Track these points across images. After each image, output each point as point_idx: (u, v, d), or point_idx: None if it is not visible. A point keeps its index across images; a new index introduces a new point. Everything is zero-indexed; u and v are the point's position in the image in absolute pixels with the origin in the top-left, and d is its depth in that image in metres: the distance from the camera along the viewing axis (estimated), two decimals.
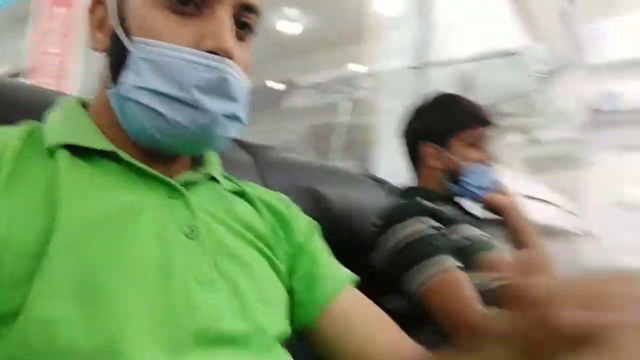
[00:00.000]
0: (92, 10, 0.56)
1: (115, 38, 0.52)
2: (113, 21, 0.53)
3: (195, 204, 0.52)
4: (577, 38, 4.01)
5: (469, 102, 1.21)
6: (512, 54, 1.92)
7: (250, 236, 0.57)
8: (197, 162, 0.59)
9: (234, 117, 0.52)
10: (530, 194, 2.04)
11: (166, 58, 0.50)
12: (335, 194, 1.21)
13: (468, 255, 1.03)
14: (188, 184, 0.54)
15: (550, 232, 2.25)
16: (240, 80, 0.52)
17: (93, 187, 0.48)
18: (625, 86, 4.17)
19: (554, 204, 2.36)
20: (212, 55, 0.50)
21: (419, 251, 0.99)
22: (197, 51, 0.50)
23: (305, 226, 0.66)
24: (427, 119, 1.20)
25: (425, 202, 1.08)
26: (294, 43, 3.84)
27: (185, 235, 0.50)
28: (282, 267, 0.60)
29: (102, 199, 0.48)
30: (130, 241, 0.46)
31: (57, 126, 0.52)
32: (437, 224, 1.03)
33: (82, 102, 0.57)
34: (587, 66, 4.29)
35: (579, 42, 4.10)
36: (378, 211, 1.10)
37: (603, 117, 4.21)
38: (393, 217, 1.05)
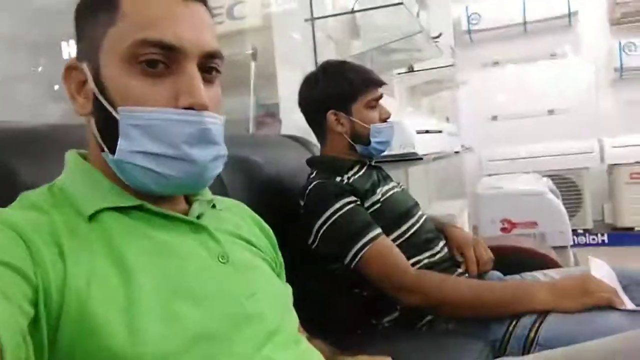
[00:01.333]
0: (67, 76, 0.61)
1: (99, 106, 0.58)
2: (95, 90, 0.57)
3: (215, 233, 0.63)
4: None
5: (359, 67, 1.33)
6: (399, 3, 2.06)
7: (253, 248, 0.70)
8: None
9: (218, 157, 0.60)
10: (425, 129, 2.28)
11: (151, 121, 0.55)
12: (264, 160, 1.31)
13: (388, 215, 1.20)
14: (199, 217, 0.64)
15: (441, 156, 2.54)
16: (218, 124, 0.59)
17: (149, 249, 0.57)
18: (483, 6, 4.50)
19: (441, 131, 2.64)
20: (190, 111, 0.56)
21: (347, 228, 1.12)
22: (177, 110, 0.56)
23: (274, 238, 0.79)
24: (327, 87, 1.27)
25: (343, 179, 1.20)
26: None
27: (221, 262, 0.61)
28: (276, 272, 0.74)
29: (158, 254, 0.56)
30: (193, 279, 0.56)
31: (87, 192, 0.58)
32: (357, 199, 1.16)
33: (84, 157, 0.63)
34: None
35: None
36: (302, 192, 1.20)
37: (468, 37, 4.58)
38: (317, 201, 1.16)
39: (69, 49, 2.21)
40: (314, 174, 1.24)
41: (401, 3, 2.14)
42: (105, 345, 0.48)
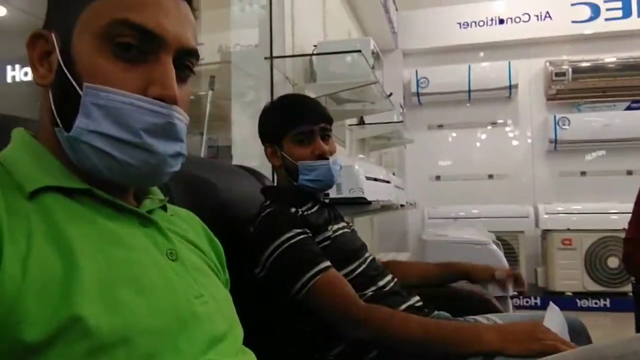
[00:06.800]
0: (32, 43, 0.57)
1: (63, 79, 0.54)
2: (60, 62, 0.55)
3: (165, 230, 0.59)
4: (394, 27, 4.48)
5: (304, 100, 1.33)
6: (358, 51, 2.13)
7: (202, 255, 0.67)
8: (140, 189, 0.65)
9: (179, 155, 0.58)
10: (374, 176, 2.31)
11: (117, 104, 0.53)
12: (217, 182, 1.28)
13: (338, 253, 1.19)
14: (149, 212, 0.60)
15: (387, 206, 2.57)
16: (184, 122, 0.58)
17: (94, 235, 0.52)
18: (432, 72, 4.75)
19: (388, 182, 2.68)
20: (159, 102, 0.54)
21: (298, 256, 1.09)
22: (146, 98, 0.54)
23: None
24: (266, 121, 1.30)
25: (296, 211, 1.18)
26: None
27: (169, 259, 0.56)
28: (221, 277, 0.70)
29: (105, 241, 0.52)
30: (140, 270, 0.52)
31: (30, 168, 0.53)
32: (308, 231, 1.14)
33: (32, 135, 0.58)
34: (403, 52, 4.83)
35: (395, 31, 4.59)
36: (252, 219, 1.17)
37: (417, 99, 4.78)
38: (269, 228, 1.13)
39: None
40: (268, 202, 1.21)
41: (359, 51, 2.22)
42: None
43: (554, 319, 1.08)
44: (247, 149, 2.18)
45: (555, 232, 4.18)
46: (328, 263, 1.10)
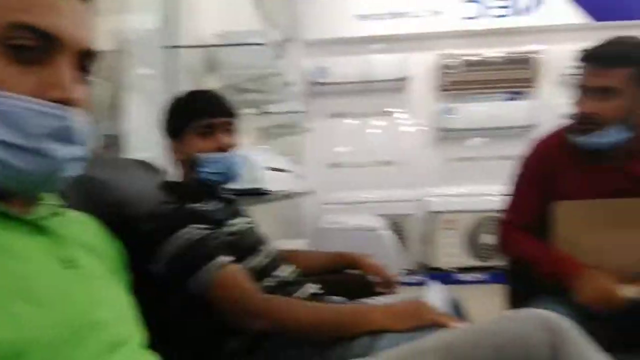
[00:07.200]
0: None
1: None
2: None
3: (60, 237, 0.59)
4: (296, 16, 4.53)
5: (206, 94, 1.34)
6: (261, 44, 2.15)
7: (98, 257, 0.67)
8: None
9: (78, 159, 0.57)
10: (272, 166, 2.36)
11: (11, 107, 0.50)
12: (111, 181, 1.25)
13: (237, 248, 1.21)
14: (42, 219, 0.59)
15: (288, 195, 2.63)
16: (84, 125, 0.56)
17: None
18: (331, 62, 4.86)
19: (287, 171, 2.75)
20: (57, 105, 0.53)
21: (196, 255, 1.10)
22: (43, 101, 0.52)
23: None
24: (167, 115, 1.31)
25: (194, 206, 1.19)
26: None
27: (66, 267, 0.57)
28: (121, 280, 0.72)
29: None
30: (34, 282, 0.52)
31: None
32: (207, 226, 1.15)
33: None
34: (304, 42, 4.90)
35: (298, 20, 4.65)
36: (150, 215, 1.16)
37: (317, 89, 4.88)
38: (167, 224, 1.13)
39: None
40: (166, 198, 1.22)
41: (263, 44, 2.24)
42: None
43: (435, 295, 1.21)
44: (144, 140, 2.13)
45: (439, 213, 4.52)
46: (229, 257, 1.13)
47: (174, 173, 1.33)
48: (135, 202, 1.27)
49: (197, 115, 1.26)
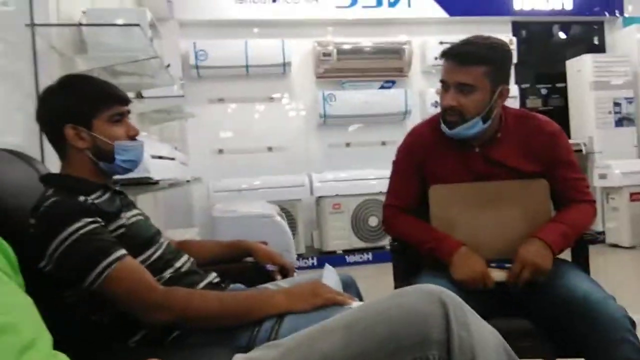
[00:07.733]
0: None
1: None
2: None
3: None
4: None
5: (103, 81, 1.30)
6: (136, 24, 2.03)
7: None
8: None
9: None
10: (158, 154, 2.26)
11: None
12: None
13: (133, 241, 1.18)
14: None
15: (174, 183, 2.54)
16: None
17: None
18: (209, 44, 4.74)
19: (171, 158, 2.65)
20: None
21: (90, 246, 1.05)
22: None
23: None
24: (66, 100, 1.21)
25: (86, 199, 1.13)
26: None
27: None
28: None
29: None
30: None
31: None
32: (98, 219, 1.10)
33: None
34: (179, 23, 4.72)
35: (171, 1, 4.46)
36: (33, 210, 1.08)
37: (196, 72, 4.74)
38: (54, 219, 1.06)
39: None
40: (50, 192, 1.12)
41: (137, 25, 2.11)
42: None
43: (330, 277, 1.27)
44: (4, 125, 1.92)
45: (326, 198, 4.66)
46: (123, 251, 1.08)
47: (66, 162, 1.23)
48: (8, 196, 1.15)
49: (110, 102, 1.22)
